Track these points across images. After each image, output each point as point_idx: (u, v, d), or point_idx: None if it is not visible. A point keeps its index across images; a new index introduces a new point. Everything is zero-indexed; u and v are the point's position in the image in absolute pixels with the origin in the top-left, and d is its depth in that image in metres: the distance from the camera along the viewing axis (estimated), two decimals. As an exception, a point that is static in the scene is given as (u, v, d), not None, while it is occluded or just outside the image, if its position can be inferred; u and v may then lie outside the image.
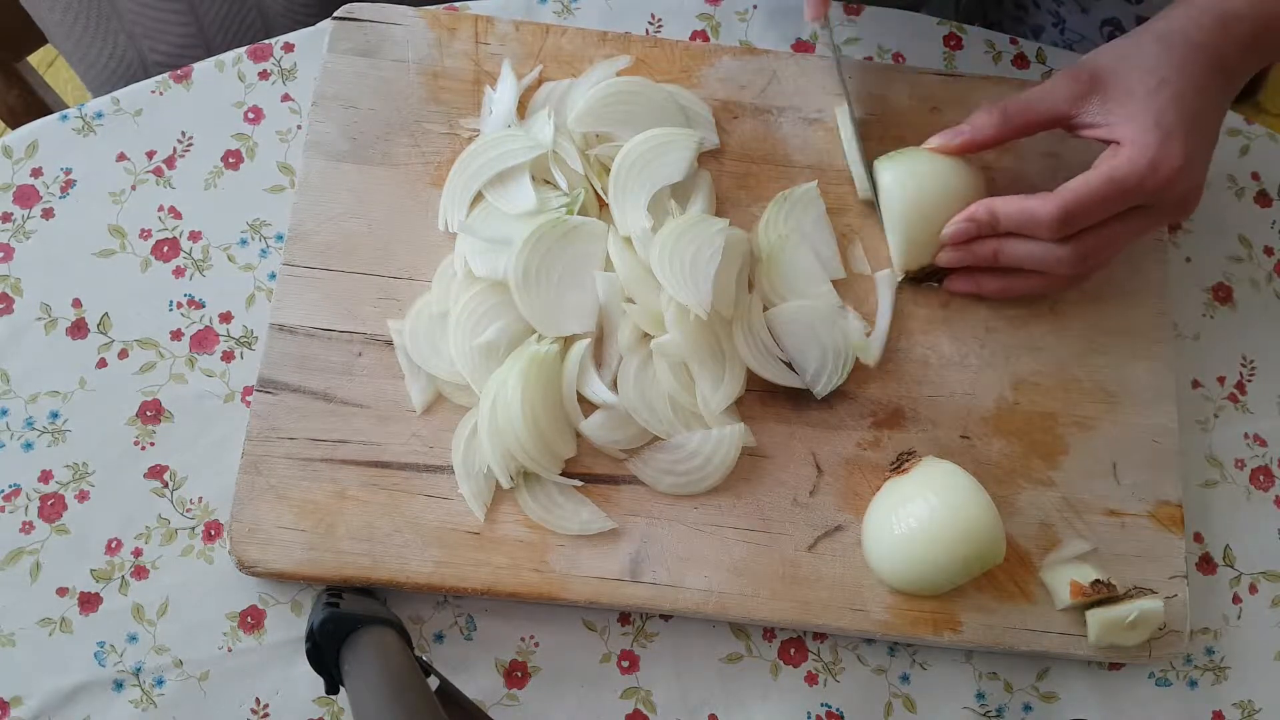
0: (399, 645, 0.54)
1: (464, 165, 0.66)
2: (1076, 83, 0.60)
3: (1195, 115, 0.58)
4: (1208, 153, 0.60)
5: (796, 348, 0.64)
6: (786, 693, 0.63)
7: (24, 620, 0.61)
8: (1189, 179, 0.58)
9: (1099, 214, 0.59)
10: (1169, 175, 0.57)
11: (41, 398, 0.64)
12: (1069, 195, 0.58)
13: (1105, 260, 0.63)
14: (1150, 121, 0.58)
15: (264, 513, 0.61)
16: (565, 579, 0.61)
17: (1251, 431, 0.69)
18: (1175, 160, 0.57)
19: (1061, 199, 0.58)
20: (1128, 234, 0.61)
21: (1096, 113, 0.60)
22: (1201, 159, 0.59)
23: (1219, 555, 0.67)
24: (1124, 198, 0.58)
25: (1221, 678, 0.65)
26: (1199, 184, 0.60)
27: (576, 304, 0.63)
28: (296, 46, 0.71)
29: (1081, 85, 0.60)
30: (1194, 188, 0.60)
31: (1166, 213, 0.61)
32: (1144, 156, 0.57)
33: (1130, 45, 0.61)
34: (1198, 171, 0.59)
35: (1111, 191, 0.58)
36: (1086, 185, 0.58)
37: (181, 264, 0.67)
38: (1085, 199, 0.58)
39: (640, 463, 0.63)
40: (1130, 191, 0.58)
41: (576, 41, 0.70)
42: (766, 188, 0.67)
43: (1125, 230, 0.60)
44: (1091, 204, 0.58)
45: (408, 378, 0.63)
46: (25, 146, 0.68)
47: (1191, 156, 0.58)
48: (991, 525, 0.58)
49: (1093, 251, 0.61)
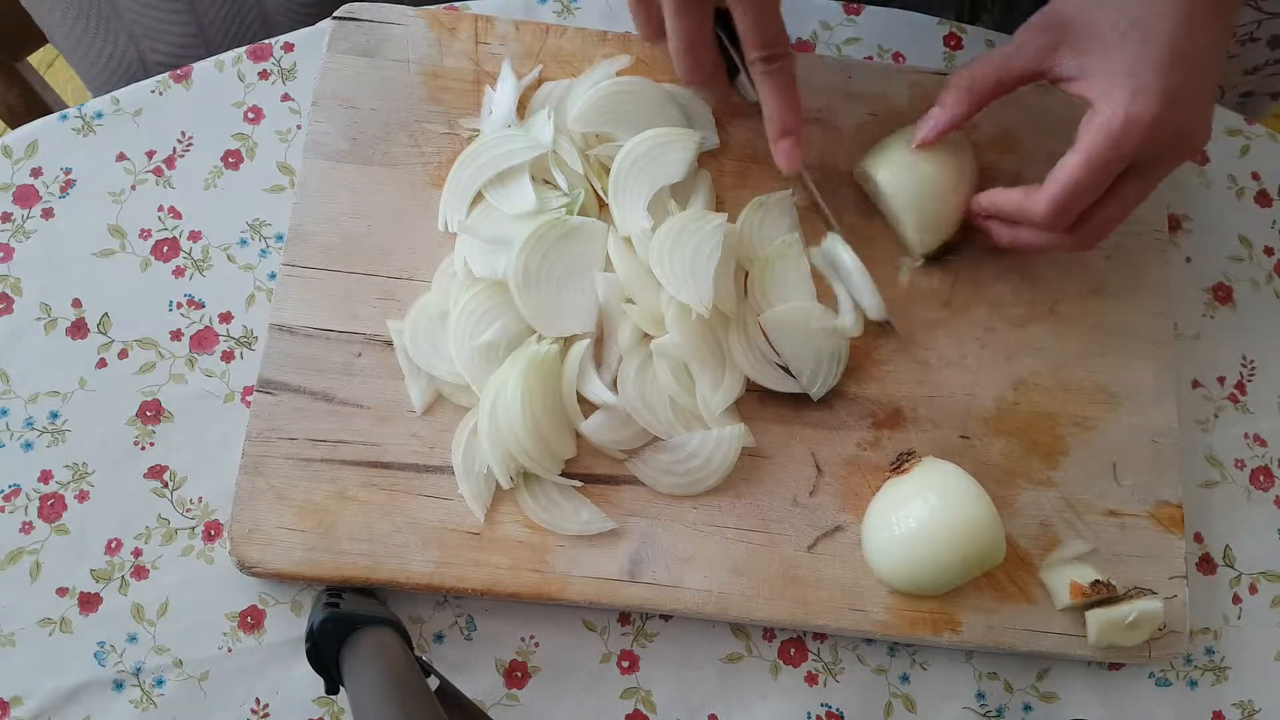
0: (399, 645, 0.54)
1: (464, 165, 0.66)
2: (1045, 34, 0.57)
3: (1176, 51, 0.54)
4: (1203, 82, 0.56)
5: (790, 351, 0.64)
6: (786, 693, 0.63)
7: (24, 620, 0.61)
8: (1175, 122, 0.54)
9: (1089, 195, 0.57)
10: (1145, 130, 0.54)
11: (41, 398, 0.64)
12: (1055, 188, 0.57)
13: (1112, 228, 0.61)
14: (1122, 72, 0.54)
15: (264, 513, 0.61)
16: (565, 579, 0.61)
17: (1251, 431, 0.69)
18: (1150, 111, 0.53)
19: (1050, 194, 0.57)
20: (1129, 198, 0.59)
21: (1070, 65, 0.57)
22: (1192, 93, 0.55)
23: (1219, 555, 0.67)
24: (1107, 169, 0.56)
25: (1221, 678, 0.65)
26: (1197, 121, 0.56)
27: (576, 304, 0.63)
28: (296, 46, 0.71)
29: (1050, 35, 0.57)
30: (1189, 128, 0.56)
31: (1165, 162, 0.57)
32: (1115, 119, 0.54)
33: None
34: (1189, 109, 0.55)
35: (1091, 169, 0.55)
36: (1069, 172, 0.56)
37: (181, 264, 0.67)
38: (1072, 186, 0.56)
39: (640, 463, 0.63)
40: (1111, 161, 0.55)
41: (576, 41, 0.70)
42: (766, 187, 0.67)
43: (1129, 194, 0.58)
44: (1080, 188, 0.56)
45: (408, 378, 0.63)
46: (25, 146, 0.68)
47: (1173, 97, 0.54)
48: (991, 526, 0.58)
49: (1099, 225, 0.59)
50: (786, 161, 0.63)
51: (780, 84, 0.61)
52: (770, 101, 0.62)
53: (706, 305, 0.61)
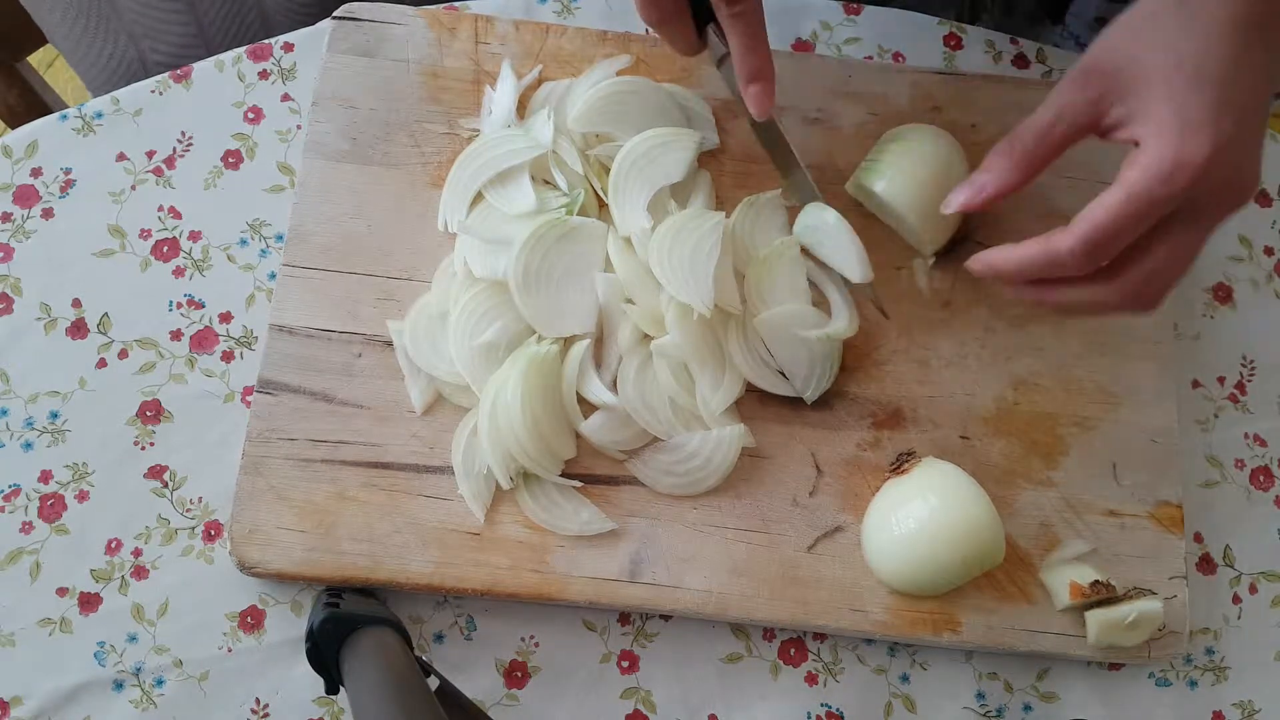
0: (399, 645, 0.54)
1: (464, 165, 0.66)
2: (1088, 84, 0.53)
3: (1227, 91, 0.50)
4: (1254, 127, 0.51)
5: (784, 355, 0.64)
6: (786, 693, 0.63)
7: (24, 620, 0.61)
8: (1227, 167, 0.50)
9: (1128, 235, 0.51)
10: (1196, 172, 0.49)
11: (41, 398, 0.64)
12: (1087, 224, 0.51)
13: (1169, 282, 0.54)
14: (1169, 113, 0.50)
15: (264, 513, 0.61)
16: (565, 579, 0.61)
17: (1251, 431, 0.69)
18: (1202, 152, 0.49)
19: (1081, 229, 0.51)
20: (1179, 248, 0.53)
21: (1119, 111, 0.52)
22: (1244, 138, 0.51)
23: (1219, 555, 0.67)
24: (1152, 210, 0.50)
25: (1221, 678, 0.65)
26: (1246, 167, 0.52)
27: (576, 304, 0.63)
28: (296, 46, 0.71)
29: (1094, 85, 0.53)
30: (1239, 174, 0.51)
31: (1216, 209, 0.52)
32: (1163, 158, 0.50)
33: (1144, 19, 0.52)
34: (1240, 154, 0.51)
35: (1134, 207, 0.50)
36: (1104, 207, 0.50)
37: (181, 264, 0.67)
38: (1107, 223, 0.50)
39: (640, 463, 0.63)
40: (1157, 202, 0.50)
41: (576, 41, 0.70)
42: (766, 187, 0.67)
43: (1174, 244, 0.52)
44: (1116, 227, 0.50)
45: (408, 378, 0.63)
46: (25, 146, 0.68)
47: (1225, 141, 0.49)
48: (991, 526, 0.58)
49: (1145, 280, 0.53)
50: (756, 106, 0.60)
51: (747, 26, 0.58)
52: (738, 45, 0.59)
53: (708, 305, 0.61)
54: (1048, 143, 0.54)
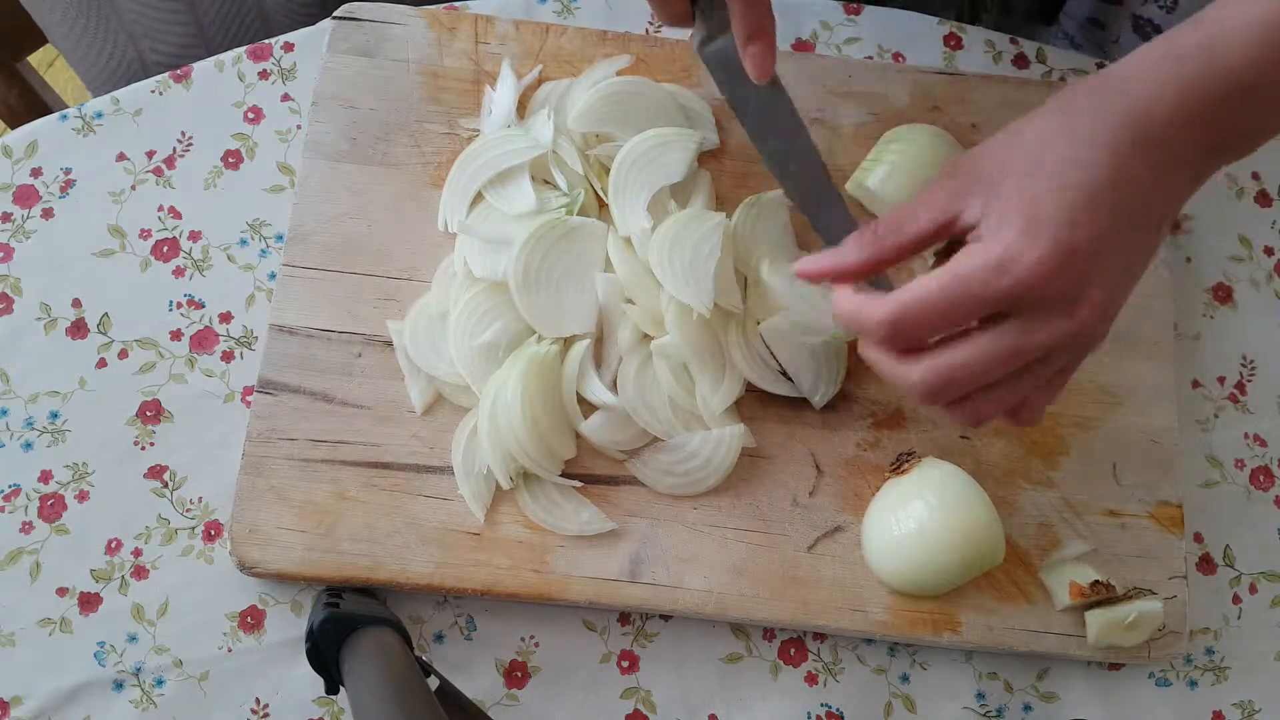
0: (399, 645, 0.54)
1: (464, 165, 0.66)
2: (954, 178, 0.48)
3: (1092, 199, 0.45)
4: (1121, 249, 0.46)
5: (789, 359, 0.64)
6: (786, 693, 0.63)
7: (24, 620, 0.61)
8: (1068, 278, 0.45)
9: (939, 321, 0.47)
10: (1028, 271, 0.44)
11: (41, 398, 0.64)
12: (894, 304, 0.47)
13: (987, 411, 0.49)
14: (1016, 207, 0.46)
15: (264, 513, 0.61)
16: (565, 579, 0.61)
17: (1251, 431, 0.69)
18: (1036, 251, 0.44)
19: (889, 308, 0.47)
20: (994, 359, 0.47)
21: (974, 210, 0.47)
22: (1101, 256, 0.45)
23: (1219, 555, 0.67)
24: (970, 301, 0.46)
25: (1221, 678, 0.65)
26: (1090, 291, 0.46)
27: (576, 304, 0.63)
28: (296, 46, 0.71)
29: (959, 181, 0.48)
30: (1081, 291, 0.46)
31: (1047, 325, 0.46)
32: (994, 249, 0.45)
33: (1027, 122, 0.49)
34: (1091, 270, 0.45)
35: (953, 294, 0.46)
36: (922, 288, 0.46)
37: (181, 264, 0.67)
38: (918, 305, 0.46)
39: (640, 463, 0.63)
40: (977, 293, 0.45)
41: (576, 41, 0.70)
42: (766, 187, 0.67)
43: (989, 351, 0.47)
44: (929, 307, 0.46)
45: (408, 378, 0.63)
46: (25, 146, 0.68)
47: (1071, 248, 0.44)
48: (991, 526, 0.58)
49: (947, 377, 0.48)
50: (756, 67, 0.56)
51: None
52: (736, 3, 0.55)
53: (707, 305, 0.61)
54: (904, 233, 0.49)
